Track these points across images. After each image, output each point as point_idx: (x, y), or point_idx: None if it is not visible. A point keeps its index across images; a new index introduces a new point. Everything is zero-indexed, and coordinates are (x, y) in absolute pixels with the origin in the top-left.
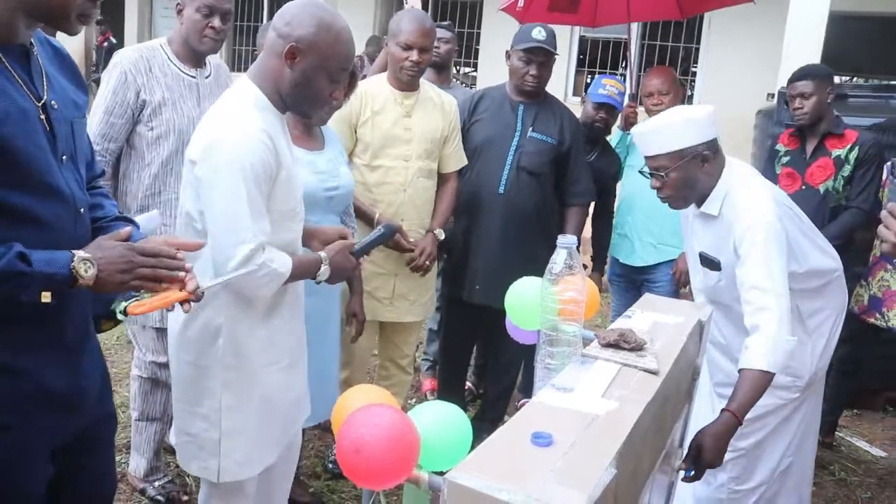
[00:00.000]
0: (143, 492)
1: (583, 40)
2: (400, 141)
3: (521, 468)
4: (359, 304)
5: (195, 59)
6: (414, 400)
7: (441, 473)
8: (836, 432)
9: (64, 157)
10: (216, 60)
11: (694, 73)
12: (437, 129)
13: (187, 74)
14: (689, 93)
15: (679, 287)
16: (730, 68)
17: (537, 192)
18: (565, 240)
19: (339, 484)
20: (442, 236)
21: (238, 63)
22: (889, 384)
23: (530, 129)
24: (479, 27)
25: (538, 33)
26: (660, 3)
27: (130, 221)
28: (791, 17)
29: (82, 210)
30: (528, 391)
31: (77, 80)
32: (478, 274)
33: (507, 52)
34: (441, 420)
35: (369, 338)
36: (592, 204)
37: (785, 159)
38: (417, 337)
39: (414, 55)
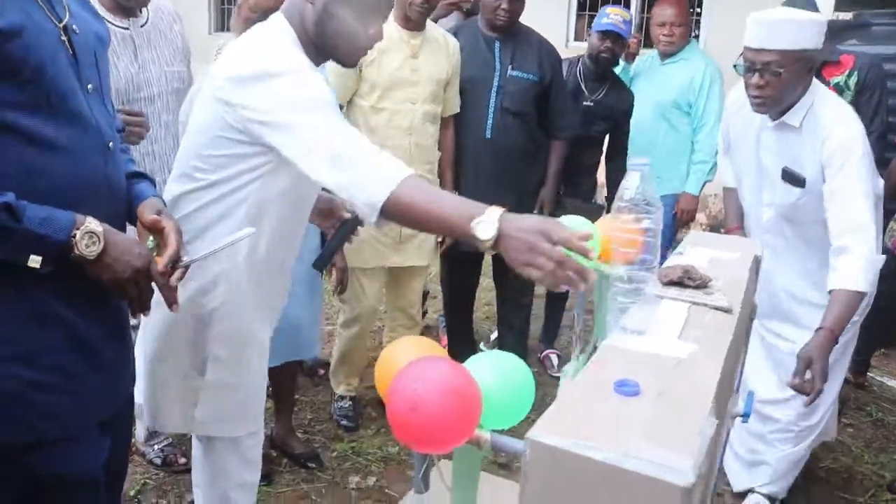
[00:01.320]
0: (143, 455)
1: None
2: (407, 83)
3: (609, 422)
4: (340, 257)
5: (123, 7)
6: None
7: (500, 432)
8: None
9: (90, 87)
10: (156, 3)
11: (699, 14)
12: (443, 71)
13: (118, 26)
14: (695, 32)
15: (679, 227)
16: (737, 8)
17: (523, 132)
18: (637, 161)
19: (363, 445)
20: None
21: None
22: None
23: (510, 67)
24: None
25: None
26: None
27: (148, 179)
28: None
29: (112, 145)
30: (549, 341)
31: (95, 14)
32: None
33: None
34: (501, 372)
35: (376, 286)
36: (606, 142)
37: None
38: (423, 283)
39: None
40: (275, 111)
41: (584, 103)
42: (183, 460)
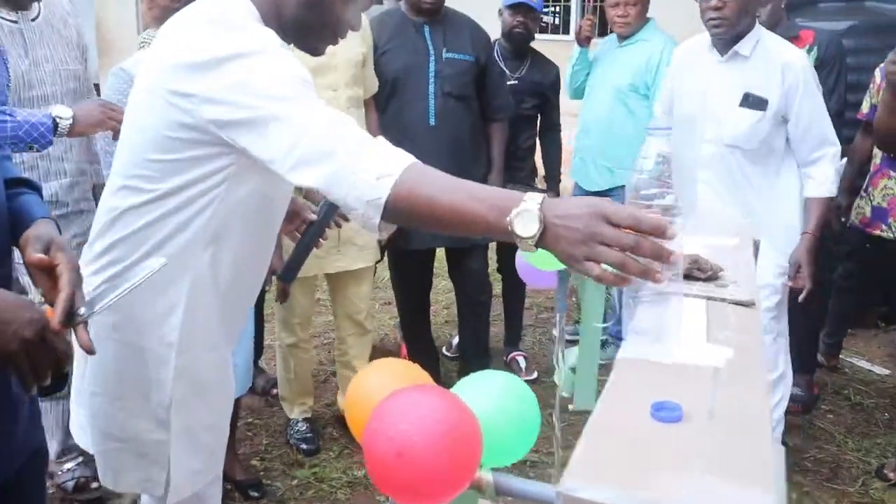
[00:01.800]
0: (51, 476)
1: None
2: (326, 68)
3: (658, 458)
4: (277, 258)
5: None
6: None
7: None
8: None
9: None
10: None
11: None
12: (359, 52)
13: (5, 19)
14: None
15: None
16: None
17: (467, 116)
18: (658, 124)
19: (325, 470)
20: None
21: None
22: (881, 299)
23: (444, 49)
24: None
25: None
26: None
27: (34, 188)
28: None
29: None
30: (514, 343)
31: None
32: None
33: None
34: (500, 397)
35: (307, 295)
36: (538, 120)
37: None
38: (370, 286)
39: None
40: (244, 103)
41: (508, 83)
42: (95, 485)
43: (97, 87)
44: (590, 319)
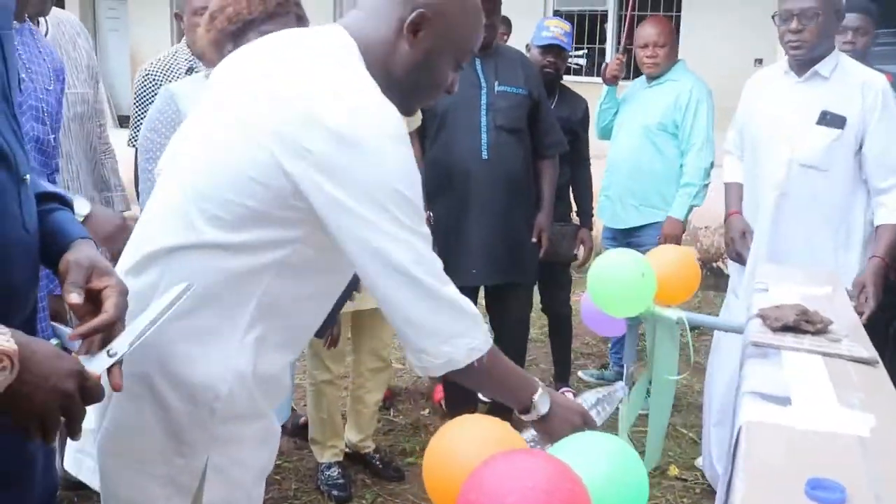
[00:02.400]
0: None
1: (556, 14)
2: None
3: None
4: None
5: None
6: (427, 411)
7: None
8: None
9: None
10: (59, 15)
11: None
12: None
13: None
14: None
15: None
16: (714, 36)
17: (520, 150)
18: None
19: None
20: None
21: None
22: None
23: (496, 82)
24: None
25: None
26: None
27: (66, 204)
28: None
29: (27, 177)
30: (563, 378)
31: None
32: (472, 254)
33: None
34: (607, 465)
35: (341, 330)
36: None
37: None
38: (384, 327)
39: None
40: (360, 197)
41: None
42: None
43: (128, 118)
44: (662, 371)
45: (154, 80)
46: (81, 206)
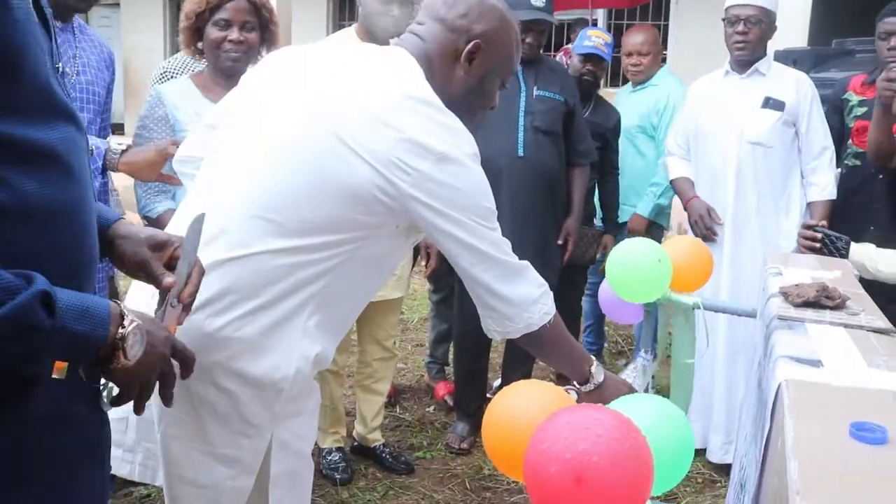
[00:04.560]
0: None
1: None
2: None
3: (880, 482)
4: None
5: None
6: (432, 407)
7: (657, 498)
8: None
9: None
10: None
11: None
12: None
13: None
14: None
15: None
16: (702, 45)
17: (554, 152)
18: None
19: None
20: None
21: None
22: None
23: (535, 87)
24: None
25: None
26: None
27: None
28: None
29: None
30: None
31: None
32: None
33: None
34: (660, 421)
35: None
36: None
37: (860, 110)
38: (398, 315)
39: (395, 10)
40: (454, 207)
41: None
42: None
43: (122, 126)
44: (680, 355)
45: (171, 77)
46: (118, 142)
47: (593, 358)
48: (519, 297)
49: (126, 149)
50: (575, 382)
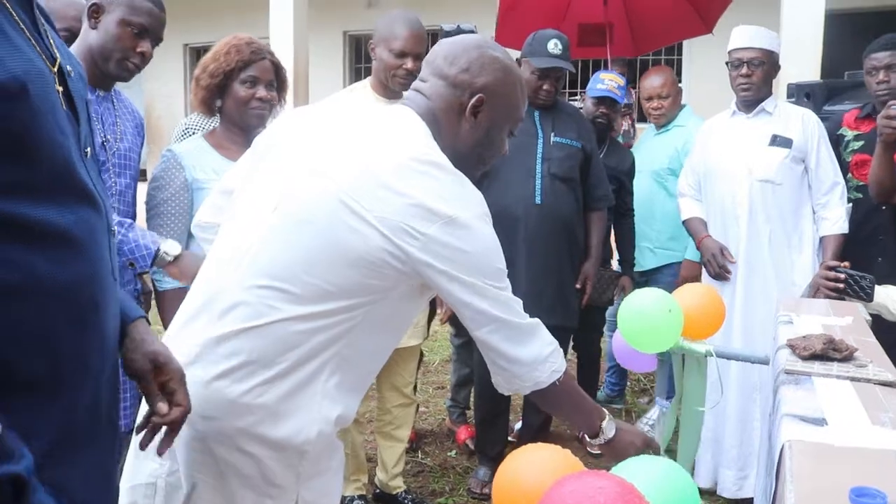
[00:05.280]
0: None
1: None
2: None
3: None
4: None
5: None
6: (454, 452)
7: None
8: None
9: (88, 151)
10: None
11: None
12: None
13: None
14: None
15: None
16: (716, 79)
17: (571, 199)
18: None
19: None
20: None
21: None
22: None
23: (552, 134)
24: None
25: (554, 47)
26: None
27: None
28: (785, 21)
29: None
30: None
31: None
32: (520, 293)
33: (517, 60)
34: (665, 485)
35: None
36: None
37: (856, 144)
38: (416, 362)
39: (409, 63)
40: (467, 272)
41: None
42: None
43: (143, 172)
44: (691, 403)
45: (193, 133)
46: (172, 247)
47: (605, 412)
48: (528, 357)
49: (178, 255)
50: (586, 437)
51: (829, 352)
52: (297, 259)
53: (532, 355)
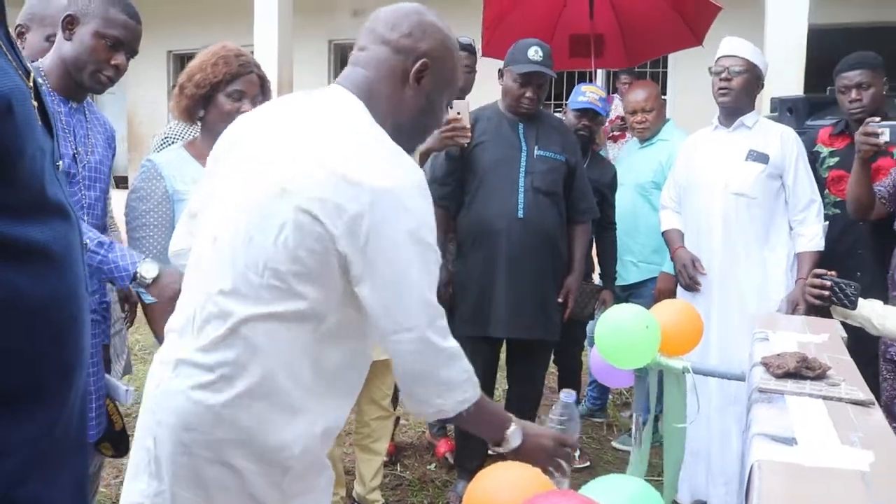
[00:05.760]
0: None
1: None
2: None
3: None
4: None
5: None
6: (433, 465)
7: None
8: None
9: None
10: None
11: (663, 99)
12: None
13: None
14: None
15: None
16: (701, 92)
17: (554, 212)
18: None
19: None
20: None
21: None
22: None
23: (536, 147)
24: None
25: (535, 53)
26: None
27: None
28: (769, 36)
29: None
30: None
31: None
32: (501, 307)
33: (500, 70)
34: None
35: None
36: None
37: (832, 161)
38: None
39: None
40: (391, 246)
41: None
42: None
43: (126, 178)
44: (671, 420)
45: (173, 142)
46: (149, 270)
47: (511, 421)
48: (435, 380)
49: (157, 276)
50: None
51: (803, 370)
52: (249, 262)
53: (443, 379)
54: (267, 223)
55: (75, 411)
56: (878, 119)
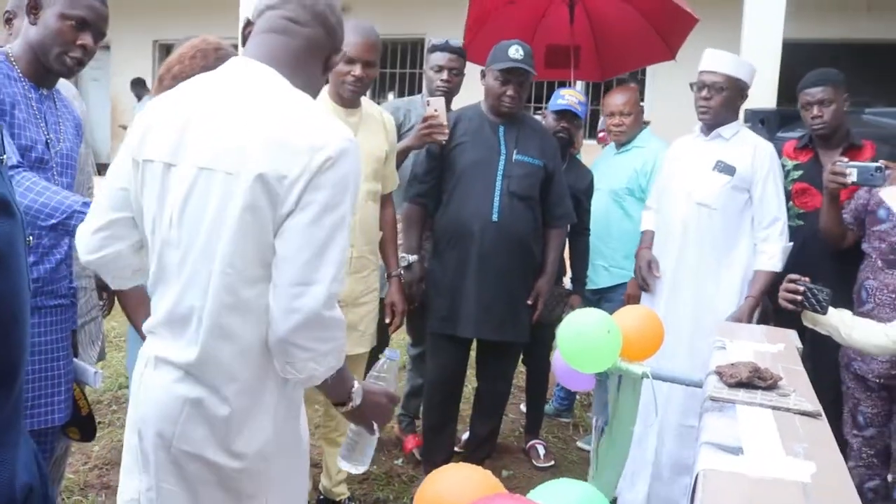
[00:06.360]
0: None
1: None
2: None
3: None
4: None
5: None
6: (400, 460)
7: None
8: None
9: (3, 159)
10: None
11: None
12: (382, 147)
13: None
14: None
15: None
16: (679, 101)
17: (529, 216)
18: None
19: None
20: (404, 265)
21: None
22: None
23: (514, 151)
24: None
25: (515, 52)
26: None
27: None
28: (744, 48)
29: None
30: (534, 432)
31: None
32: (471, 308)
33: (482, 71)
34: None
35: None
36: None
37: (796, 174)
38: (363, 369)
39: (357, 69)
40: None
41: None
42: None
43: (108, 166)
44: (624, 423)
45: None
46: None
47: (354, 381)
48: (314, 347)
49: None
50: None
51: (755, 380)
52: (219, 255)
53: (321, 347)
54: (225, 212)
55: (18, 411)
56: (846, 159)
